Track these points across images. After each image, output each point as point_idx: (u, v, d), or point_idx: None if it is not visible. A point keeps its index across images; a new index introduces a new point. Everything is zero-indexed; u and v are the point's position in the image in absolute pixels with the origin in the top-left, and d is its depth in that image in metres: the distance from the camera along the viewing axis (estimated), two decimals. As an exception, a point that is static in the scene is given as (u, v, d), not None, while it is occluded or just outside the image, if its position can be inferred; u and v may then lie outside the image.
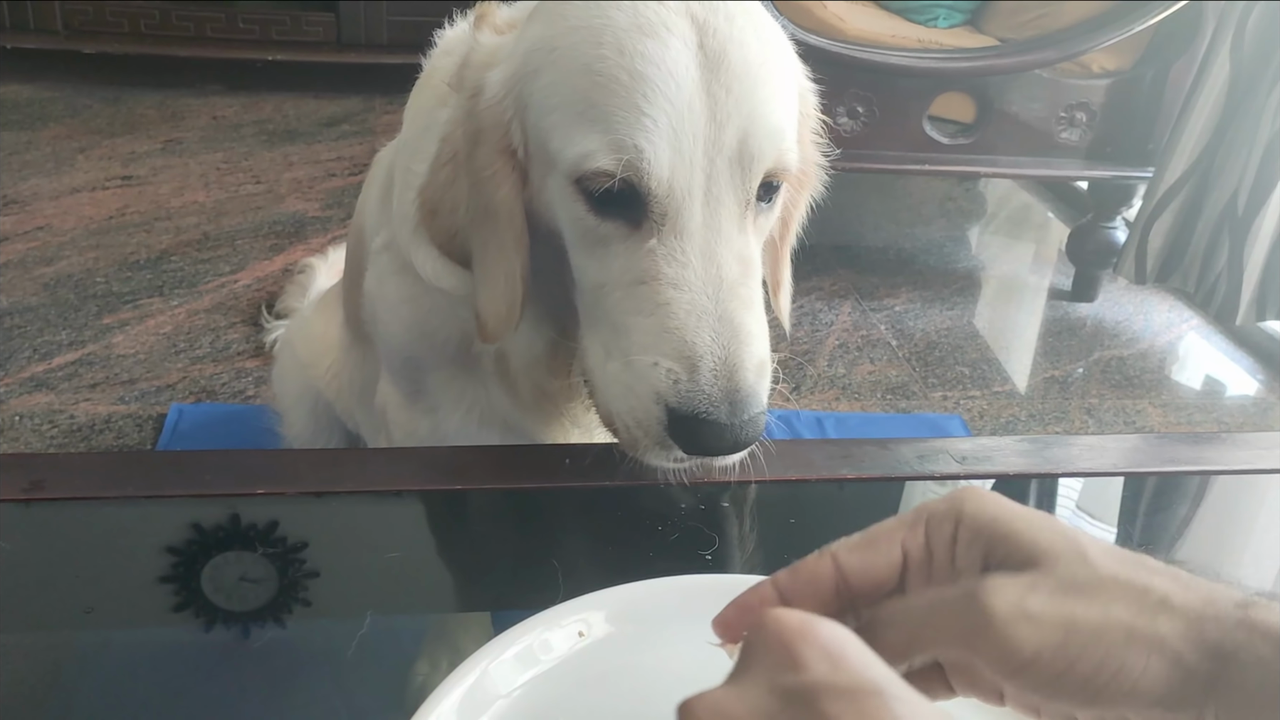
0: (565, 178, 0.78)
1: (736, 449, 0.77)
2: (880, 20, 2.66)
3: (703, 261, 0.76)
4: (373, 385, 1.24)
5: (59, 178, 2.76)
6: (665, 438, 0.76)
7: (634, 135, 0.74)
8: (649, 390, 0.76)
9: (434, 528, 0.87)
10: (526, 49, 0.81)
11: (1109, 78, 2.47)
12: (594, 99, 0.75)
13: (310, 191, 2.83)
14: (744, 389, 0.75)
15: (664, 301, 0.75)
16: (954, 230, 3.15)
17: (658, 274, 0.76)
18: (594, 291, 0.81)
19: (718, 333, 0.75)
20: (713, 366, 0.74)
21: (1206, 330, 2.68)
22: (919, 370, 2.37)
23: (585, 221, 0.79)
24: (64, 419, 1.90)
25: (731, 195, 0.77)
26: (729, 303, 0.76)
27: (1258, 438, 1.02)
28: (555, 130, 0.78)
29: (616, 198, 0.76)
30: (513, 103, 0.81)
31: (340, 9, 3.45)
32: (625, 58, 0.75)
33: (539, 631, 0.62)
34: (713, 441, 0.75)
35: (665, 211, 0.76)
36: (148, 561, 0.77)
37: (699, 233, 0.76)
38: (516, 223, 0.83)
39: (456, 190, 0.85)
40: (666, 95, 0.74)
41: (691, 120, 0.75)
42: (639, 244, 0.77)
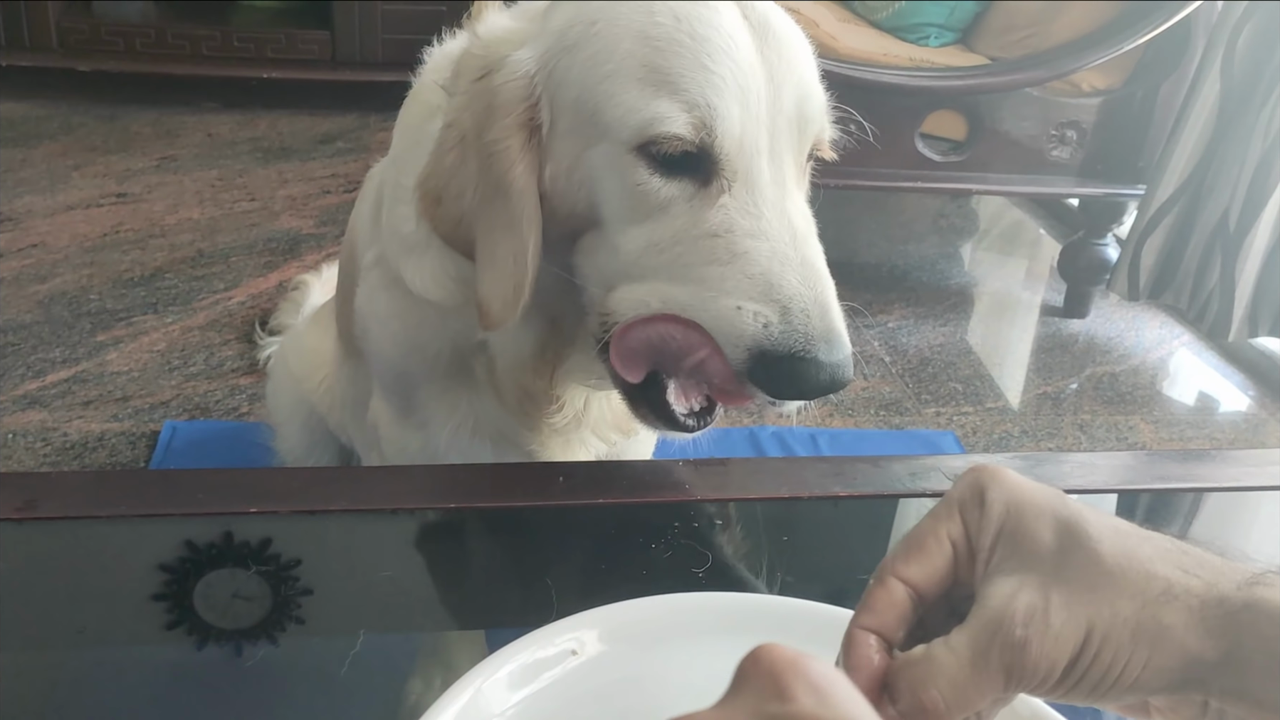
0: (624, 145, 0.77)
1: (834, 388, 0.76)
2: (872, 39, 2.67)
3: (775, 214, 0.77)
4: (365, 400, 1.25)
5: (53, 195, 2.77)
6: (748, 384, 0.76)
7: (705, 94, 0.75)
8: (731, 335, 0.75)
9: (427, 546, 0.87)
10: (560, 26, 0.81)
11: (1099, 96, 2.49)
12: (655, 63, 0.76)
13: (305, 209, 2.83)
14: (837, 328, 0.76)
15: (743, 251, 0.76)
16: (946, 247, 3.16)
17: (732, 226, 0.76)
18: (642, 255, 0.79)
19: (803, 276, 0.76)
20: (804, 308, 0.75)
21: (1199, 347, 2.69)
22: (912, 386, 2.38)
23: (646, 186, 0.78)
24: (57, 437, 1.90)
25: (791, 154, 0.79)
26: (806, 250, 0.77)
27: (1247, 454, 1.02)
28: (609, 99, 0.77)
29: (681, 160, 0.77)
30: (545, 78, 0.80)
31: (335, 27, 3.46)
32: (683, 22, 0.76)
33: (532, 650, 0.62)
34: (812, 380, 0.74)
35: (736, 168, 0.77)
36: (141, 580, 0.77)
37: (769, 188, 0.77)
38: (530, 199, 0.82)
39: (464, 174, 0.83)
40: (730, 55, 0.76)
41: (754, 80, 0.77)
42: (707, 201, 0.77)
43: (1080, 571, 0.46)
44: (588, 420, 1.03)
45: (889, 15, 2.77)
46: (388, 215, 0.98)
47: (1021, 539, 0.48)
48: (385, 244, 0.99)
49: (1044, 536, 0.48)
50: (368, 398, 1.22)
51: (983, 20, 2.70)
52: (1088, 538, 0.47)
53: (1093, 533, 0.47)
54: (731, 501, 0.86)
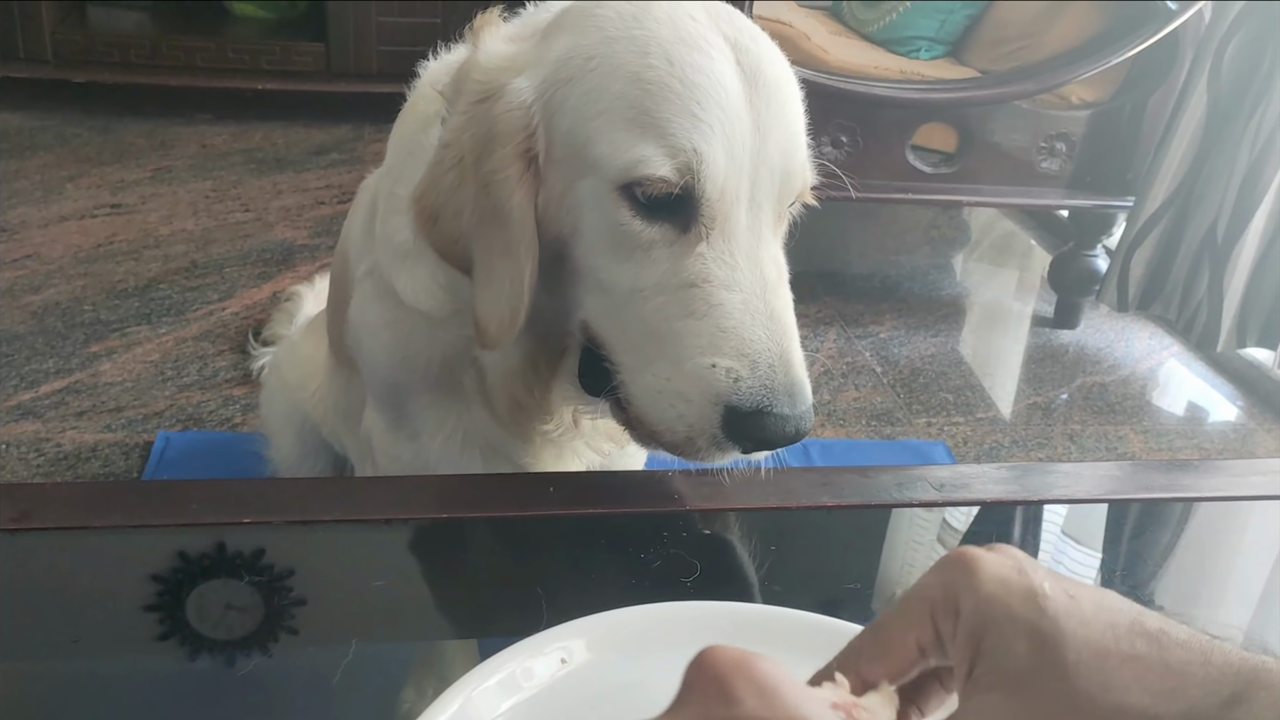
0: (609, 184, 0.79)
1: (797, 438, 0.79)
2: (863, 52, 2.69)
3: (749, 264, 0.79)
4: (357, 409, 1.25)
5: (48, 206, 2.77)
6: (722, 439, 0.78)
7: (692, 139, 0.76)
8: (707, 393, 0.78)
9: (419, 556, 0.88)
10: (558, 57, 0.81)
11: (1088, 109, 2.51)
12: (645, 106, 0.77)
13: (299, 219, 2.84)
14: (799, 381, 0.78)
15: (718, 303, 0.77)
16: (938, 258, 3.17)
17: (709, 276, 0.78)
18: (627, 296, 0.81)
19: (770, 330, 0.78)
20: (770, 362, 0.77)
21: (1187, 357, 2.71)
22: (904, 397, 2.39)
23: (628, 227, 0.79)
24: (50, 447, 1.90)
25: (770, 203, 0.81)
26: (774, 302, 0.79)
27: (1233, 465, 1.03)
28: (599, 137, 0.79)
29: (663, 203, 0.78)
30: (541, 108, 0.81)
31: (330, 39, 3.47)
32: (675, 68, 0.77)
33: (521, 659, 0.63)
34: (778, 433, 0.78)
35: (715, 215, 0.78)
36: (134, 591, 0.78)
37: (744, 236, 0.79)
38: (529, 227, 0.83)
39: (462, 195, 0.84)
40: (719, 103, 0.77)
41: (740, 129, 0.78)
42: (686, 248, 0.79)
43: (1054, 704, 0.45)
44: (580, 430, 1.04)
45: (880, 28, 2.79)
46: (381, 225, 0.98)
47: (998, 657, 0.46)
48: (378, 253, 1.00)
49: (1019, 652, 0.45)
50: (360, 407, 1.22)
51: (973, 33, 2.73)
52: (1063, 663, 0.45)
53: (1070, 660, 0.45)
54: (720, 511, 0.87)
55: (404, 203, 0.94)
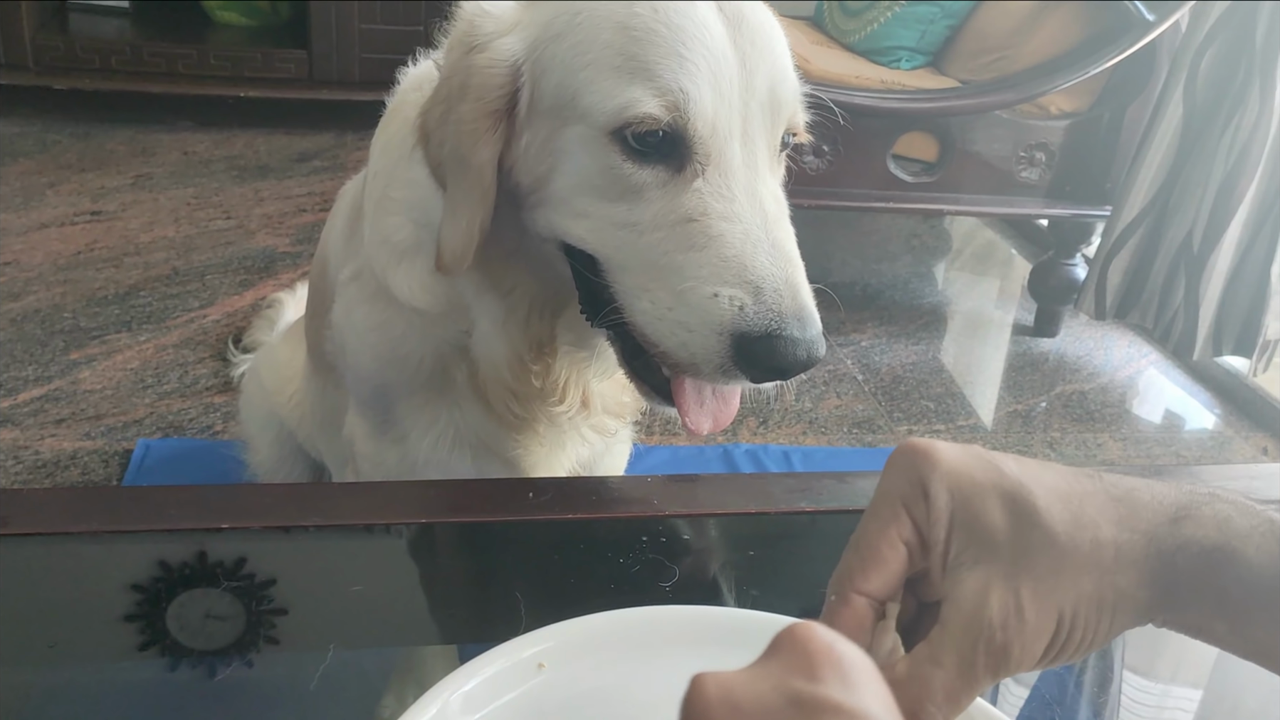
0: (600, 129, 0.80)
1: (809, 364, 0.78)
2: (844, 62, 2.71)
3: (747, 197, 0.79)
4: (334, 415, 1.25)
5: (27, 213, 2.76)
6: (730, 367, 0.78)
7: (679, 80, 0.78)
8: (710, 324, 0.77)
9: (398, 561, 0.88)
10: (545, 19, 0.84)
11: (1067, 119, 2.53)
12: (632, 51, 0.79)
13: (281, 227, 2.83)
14: (808, 306, 0.79)
15: (717, 234, 0.78)
16: (919, 266, 3.19)
17: (706, 210, 0.79)
18: (617, 227, 0.82)
19: (773, 258, 0.78)
20: (776, 287, 0.77)
21: (1165, 365, 2.73)
22: (885, 405, 2.40)
23: (619, 170, 0.80)
24: (29, 455, 1.89)
25: (763, 138, 0.82)
26: (776, 233, 0.80)
27: (1208, 471, 1.04)
28: (588, 85, 0.80)
29: (655, 145, 0.79)
30: (530, 66, 0.84)
31: (312, 46, 3.47)
32: (660, 13, 0.79)
33: (499, 663, 0.63)
34: (788, 357, 0.77)
35: (709, 152, 0.79)
36: (112, 597, 0.77)
37: (740, 171, 0.80)
38: (486, 179, 0.85)
39: (442, 130, 0.87)
40: (703, 43, 0.79)
41: (726, 66, 0.79)
42: (682, 186, 0.80)
43: (1040, 555, 0.49)
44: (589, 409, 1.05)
45: (861, 38, 2.81)
46: (374, 226, 0.99)
47: (975, 526, 0.50)
48: (370, 255, 1.00)
49: (996, 519, 0.50)
50: (337, 413, 1.22)
51: (953, 44, 2.75)
52: (1037, 513, 0.49)
53: (1040, 506, 0.49)
54: (699, 517, 0.87)
55: (398, 205, 0.96)
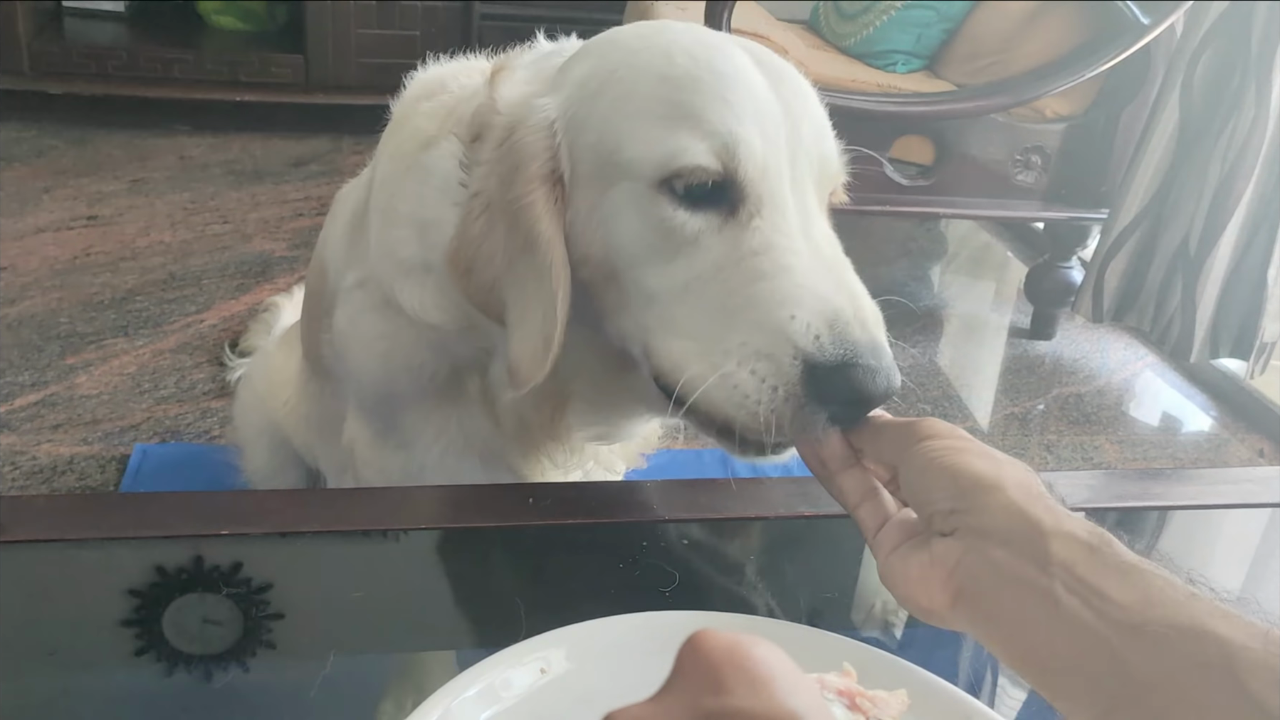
0: (646, 182, 0.78)
1: (888, 395, 0.75)
2: (841, 65, 2.71)
3: (805, 239, 0.78)
4: (331, 420, 1.24)
5: (23, 218, 2.75)
6: (804, 401, 0.73)
7: (727, 123, 0.77)
8: (786, 345, 0.73)
9: (397, 567, 0.88)
10: (581, 78, 0.83)
11: (1062, 122, 2.53)
12: (676, 100, 0.78)
13: (277, 231, 2.83)
14: (880, 339, 0.76)
15: (786, 265, 0.76)
16: (916, 270, 3.19)
17: (771, 244, 0.76)
18: (679, 295, 0.79)
19: (841, 292, 0.76)
20: (848, 319, 0.74)
21: (1161, 368, 2.73)
22: (882, 408, 2.39)
23: (671, 221, 0.78)
24: (25, 460, 1.88)
25: (812, 187, 0.81)
26: (840, 271, 0.78)
27: (1205, 473, 1.05)
28: (630, 139, 0.78)
29: (705, 193, 0.77)
30: (564, 126, 0.82)
31: (309, 51, 3.47)
32: (701, 62, 0.79)
33: (500, 669, 0.63)
34: (865, 388, 0.73)
35: (761, 194, 0.78)
36: (109, 604, 0.77)
37: (794, 215, 0.78)
38: (558, 248, 0.81)
39: (493, 238, 0.83)
40: (748, 90, 0.78)
41: (771, 112, 0.79)
42: (740, 227, 0.77)
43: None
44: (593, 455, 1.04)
45: (857, 42, 2.81)
46: (380, 239, 0.98)
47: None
48: (376, 267, 0.98)
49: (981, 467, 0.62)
50: (334, 418, 1.22)
51: (949, 48, 2.75)
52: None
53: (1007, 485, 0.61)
54: (698, 521, 0.87)
55: (405, 218, 0.94)
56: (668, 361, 0.79)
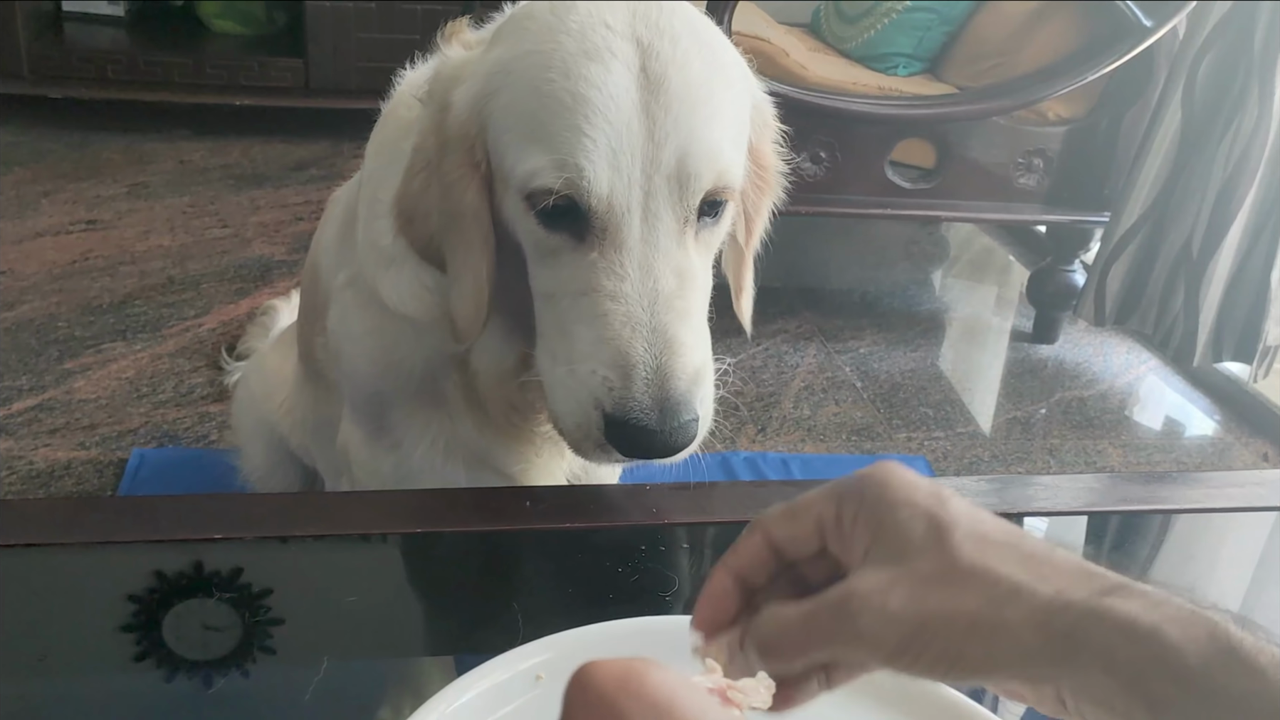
0: (517, 193, 0.82)
1: (666, 454, 0.81)
2: (841, 68, 2.71)
3: (640, 274, 0.80)
4: (326, 421, 1.25)
5: (22, 222, 2.75)
6: (604, 441, 0.80)
7: (575, 155, 0.78)
8: (588, 396, 0.80)
9: (394, 571, 0.87)
10: (487, 70, 0.84)
11: (1064, 125, 2.53)
12: (540, 119, 0.80)
13: (277, 235, 2.82)
14: (674, 397, 0.79)
15: (602, 313, 0.79)
16: (917, 273, 3.19)
17: (598, 286, 0.80)
18: (546, 299, 0.85)
19: (650, 343, 0.79)
20: (645, 375, 0.78)
21: (1164, 371, 2.72)
22: (884, 412, 2.39)
23: (535, 234, 0.83)
24: (23, 465, 1.88)
25: (669, 212, 0.81)
26: (663, 315, 0.80)
27: (1209, 476, 1.04)
28: (509, 149, 0.82)
29: (563, 212, 0.80)
30: (476, 120, 0.84)
31: (309, 55, 3.46)
32: (569, 80, 0.79)
33: (496, 675, 0.62)
34: (644, 446, 0.79)
35: (605, 226, 0.80)
36: (106, 608, 0.77)
37: (637, 247, 0.80)
38: (483, 225, 0.87)
39: (429, 197, 0.88)
40: (606, 116, 0.78)
41: (630, 140, 0.78)
42: (583, 256, 0.81)
43: (935, 568, 0.49)
44: None
45: (858, 45, 2.80)
46: (364, 230, 0.99)
47: (894, 537, 0.50)
48: (362, 260, 1.00)
49: (914, 535, 0.50)
50: (330, 419, 1.22)
51: (950, 50, 2.74)
52: (950, 542, 0.49)
53: (957, 538, 0.49)
54: (698, 525, 0.86)
55: (387, 207, 0.95)
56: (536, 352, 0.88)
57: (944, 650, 0.48)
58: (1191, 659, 0.44)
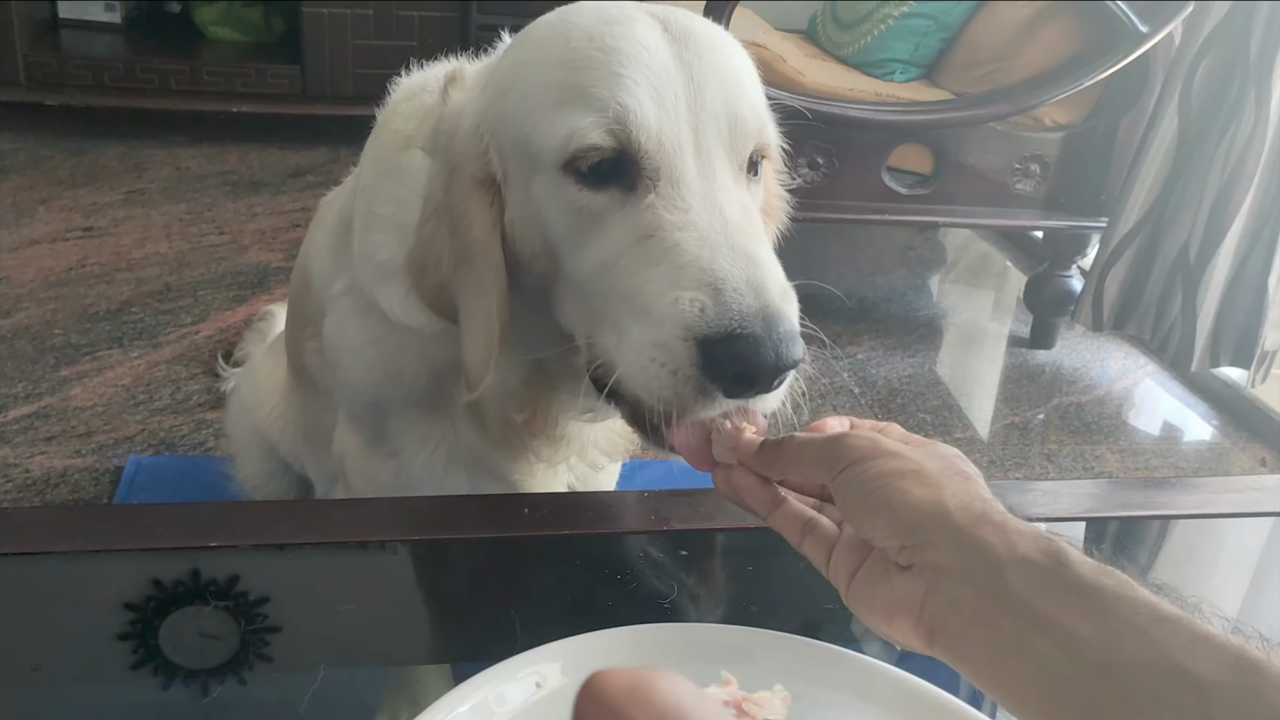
0: (553, 167, 0.78)
1: (778, 369, 0.73)
2: (838, 74, 2.71)
3: (704, 205, 0.76)
4: (316, 427, 1.24)
5: (19, 229, 2.74)
6: (704, 380, 0.72)
7: (616, 95, 0.76)
8: (674, 328, 0.72)
9: (391, 579, 0.87)
10: (498, 77, 0.83)
11: (1061, 131, 2.53)
12: (570, 82, 0.78)
13: (274, 242, 2.82)
14: (773, 304, 0.73)
15: (673, 244, 0.74)
16: (915, 279, 3.19)
17: (660, 223, 0.75)
18: (596, 274, 0.79)
19: (733, 259, 0.73)
20: (736, 286, 0.72)
21: (1162, 376, 2.72)
22: (882, 417, 2.37)
23: (579, 202, 0.78)
24: (19, 473, 1.87)
25: (721, 150, 0.78)
26: (738, 237, 0.75)
27: (1208, 482, 1.04)
28: (536, 127, 0.79)
29: (607, 171, 0.77)
30: (489, 127, 0.83)
31: (306, 62, 3.46)
32: (595, 40, 0.78)
33: (495, 684, 0.62)
34: (751, 361, 0.71)
35: (658, 166, 0.76)
36: (102, 617, 0.76)
37: (695, 182, 0.77)
38: (493, 256, 0.83)
39: (439, 242, 0.86)
40: (640, 60, 0.77)
41: (669, 79, 0.77)
42: (636, 204, 0.77)
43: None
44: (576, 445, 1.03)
45: (855, 51, 2.81)
46: (360, 243, 0.98)
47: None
48: (359, 271, 0.99)
49: None
50: (319, 426, 1.21)
51: (947, 56, 2.75)
52: None
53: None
54: (696, 532, 0.86)
55: (383, 221, 0.95)
56: (594, 352, 0.81)
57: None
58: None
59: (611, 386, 0.77)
